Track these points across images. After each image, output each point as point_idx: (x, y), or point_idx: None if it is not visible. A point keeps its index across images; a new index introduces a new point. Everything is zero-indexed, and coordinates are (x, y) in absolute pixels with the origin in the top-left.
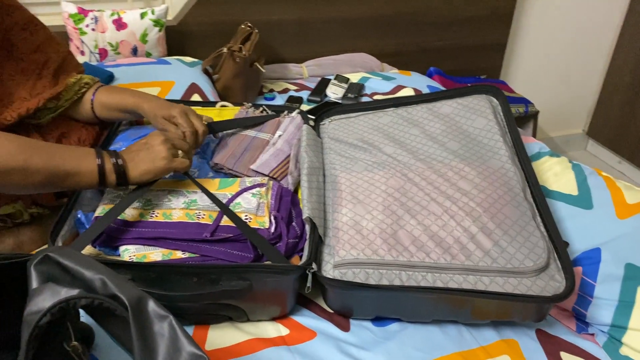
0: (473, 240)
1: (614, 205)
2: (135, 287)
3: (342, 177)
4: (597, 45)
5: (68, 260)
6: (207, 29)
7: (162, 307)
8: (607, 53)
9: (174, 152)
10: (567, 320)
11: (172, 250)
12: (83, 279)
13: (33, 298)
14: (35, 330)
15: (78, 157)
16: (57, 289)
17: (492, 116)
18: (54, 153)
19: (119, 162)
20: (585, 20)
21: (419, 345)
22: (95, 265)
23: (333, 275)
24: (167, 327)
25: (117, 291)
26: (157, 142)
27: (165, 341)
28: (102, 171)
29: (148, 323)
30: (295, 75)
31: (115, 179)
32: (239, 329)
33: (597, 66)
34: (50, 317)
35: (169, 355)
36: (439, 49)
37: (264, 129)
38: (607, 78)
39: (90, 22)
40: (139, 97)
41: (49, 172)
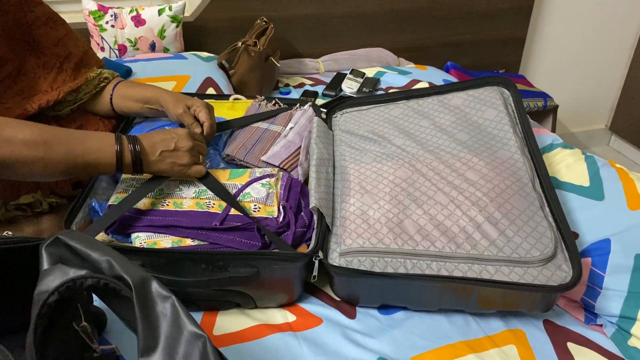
0: (479, 229)
1: (626, 196)
2: (140, 269)
3: (352, 168)
4: (619, 39)
5: (77, 243)
6: (223, 24)
7: (165, 289)
8: (630, 47)
9: (195, 160)
10: (575, 311)
11: (182, 237)
12: (90, 261)
13: (43, 278)
14: (43, 309)
15: (98, 143)
16: (66, 270)
17: (503, 107)
18: (74, 142)
19: (137, 149)
20: (607, 14)
21: (425, 334)
22: (102, 247)
23: (339, 263)
24: (169, 307)
25: (122, 272)
26: (184, 146)
27: (168, 320)
28: (119, 157)
29: (151, 303)
30: (312, 70)
31: (131, 164)
32: (246, 315)
33: (619, 60)
34: (58, 296)
35: (170, 334)
36: (457, 43)
37: (275, 121)
38: (630, 73)
39: (110, 18)
40: (160, 90)
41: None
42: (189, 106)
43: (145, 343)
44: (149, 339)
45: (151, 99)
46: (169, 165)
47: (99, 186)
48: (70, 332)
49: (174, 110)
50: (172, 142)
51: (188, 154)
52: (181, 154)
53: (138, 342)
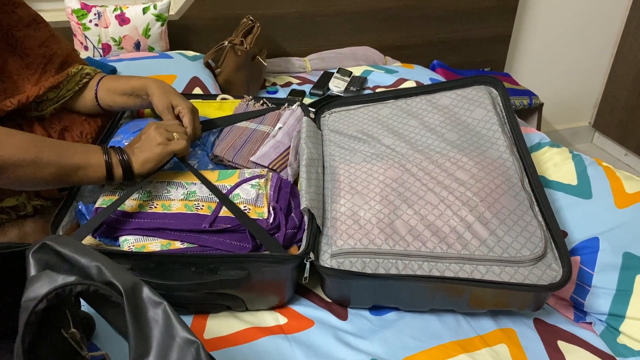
0: (469, 229)
1: (613, 194)
2: (130, 274)
3: (341, 168)
4: (602, 37)
5: (65, 248)
6: (209, 23)
7: (156, 294)
8: (613, 45)
9: (168, 136)
10: (565, 309)
11: (171, 240)
12: (80, 266)
13: (30, 285)
14: (31, 316)
15: (86, 153)
16: (54, 276)
17: (491, 107)
18: (63, 148)
19: (124, 157)
20: (591, 13)
21: (417, 334)
22: (92, 252)
23: (330, 265)
24: (161, 313)
25: (112, 278)
26: (151, 130)
27: (159, 327)
28: (109, 166)
29: (142, 309)
30: (298, 69)
31: (121, 172)
32: (237, 318)
33: (602, 58)
34: (46, 303)
35: (162, 341)
36: (443, 41)
37: (264, 121)
38: (612, 70)
39: (94, 17)
40: (149, 79)
41: (59, 166)
42: (174, 105)
43: (137, 350)
44: (141, 345)
45: (138, 87)
46: (148, 151)
47: (85, 188)
48: (59, 339)
49: (157, 104)
50: (139, 136)
51: (156, 132)
52: (151, 136)
53: (129, 349)
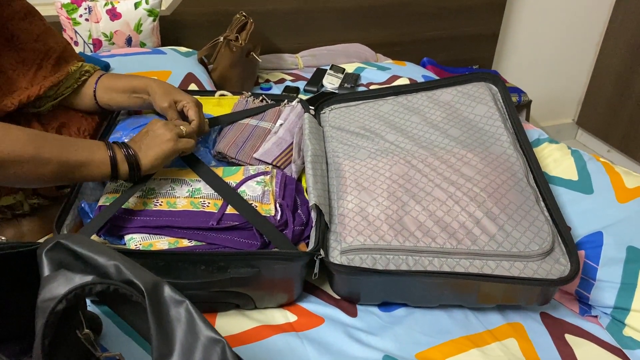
0: (478, 225)
1: (614, 189)
2: (150, 273)
3: (346, 164)
4: (586, 36)
5: (80, 247)
6: (200, 18)
7: (177, 293)
8: (596, 43)
9: (178, 132)
10: (570, 303)
11: (178, 238)
12: (96, 265)
13: (46, 285)
14: (51, 318)
15: (89, 149)
16: (70, 276)
17: (493, 103)
18: (65, 144)
19: (130, 152)
20: (575, 11)
21: (427, 330)
22: (108, 251)
23: (340, 261)
24: (183, 312)
25: (132, 277)
26: (159, 126)
27: (182, 326)
28: (114, 162)
29: (164, 308)
30: (291, 65)
31: (127, 169)
32: (246, 316)
33: (586, 57)
34: (66, 304)
35: (186, 340)
36: (433, 39)
37: (265, 117)
38: (596, 68)
39: (84, 12)
40: (149, 78)
41: (60, 163)
42: (177, 101)
43: (159, 350)
44: (164, 345)
45: (138, 87)
46: (158, 147)
47: (87, 186)
48: (74, 340)
49: (160, 103)
50: (146, 132)
51: (166, 129)
52: (159, 132)
53: (152, 349)
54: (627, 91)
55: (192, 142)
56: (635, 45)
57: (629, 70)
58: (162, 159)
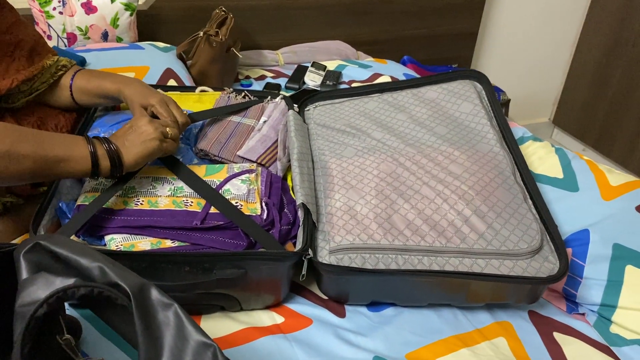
0: (467, 223)
1: (599, 187)
2: (137, 275)
3: (333, 162)
4: (562, 36)
5: (61, 248)
6: (178, 13)
7: (165, 295)
8: (572, 43)
9: (163, 131)
10: (557, 301)
11: (160, 239)
12: (79, 268)
13: (25, 288)
14: (31, 323)
15: (68, 143)
16: (51, 279)
17: (478, 101)
18: (42, 139)
19: (112, 148)
20: (551, 12)
21: (416, 330)
22: (91, 252)
23: (329, 261)
24: (172, 316)
25: (117, 279)
26: (144, 123)
27: (171, 330)
28: (95, 158)
29: (152, 312)
30: (271, 62)
31: (109, 165)
32: (232, 319)
33: (562, 56)
34: (46, 308)
35: (175, 345)
36: (413, 37)
37: (248, 114)
38: (571, 68)
39: (58, 5)
40: (120, 83)
41: (37, 158)
42: (145, 106)
43: (147, 355)
44: (151, 350)
45: (110, 92)
46: (142, 145)
47: (64, 185)
48: (53, 347)
49: (133, 111)
50: (130, 128)
51: (151, 127)
52: (144, 129)
53: (139, 354)
54: (602, 91)
55: (175, 145)
56: (610, 46)
57: (604, 70)
58: (145, 157)
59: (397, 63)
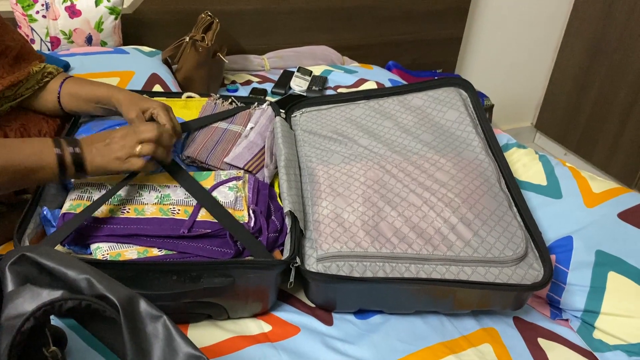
0: (453, 230)
1: (582, 194)
2: (125, 287)
3: (320, 169)
4: (544, 42)
5: (48, 260)
6: (164, 17)
7: (154, 307)
8: (554, 49)
9: (129, 152)
10: (541, 307)
11: (147, 247)
12: (66, 280)
13: (11, 301)
14: (17, 337)
15: (39, 154)
16: (37, 291)
17: (463, 108)
18: (11, 151)
19: (76, 151)
20: (534, 18)
21: (403, 337)
22: (79, 264)
23: (317, 269)
24: (161, 328)
25: (105, 291)
26: (117, 139)
27: (160, 342)
28: (61, 161)
29: (140, 324)
30: (257, 67)
31: (74, 171)
32: (219, 327)
33: (544, 62)
34: (34, 322)
35: (164, 357)
36: (398, 42)
37: (234, 120)
38: (553, 73)
39: (41, 8)
40: (113, 88)
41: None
42: (144, 109)
43: None
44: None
45: (102, 98)
46: (105, 159)
47: (48, 193)
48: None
49: (127, 114)
50: (107, 135)
51: (120, 145)
52: (113, 146)
53: None
54: (584, 96)
55: (139, 164)
56: (591, 51)
57: (585, 76)
58: (104, 172)
59: (383, 68)
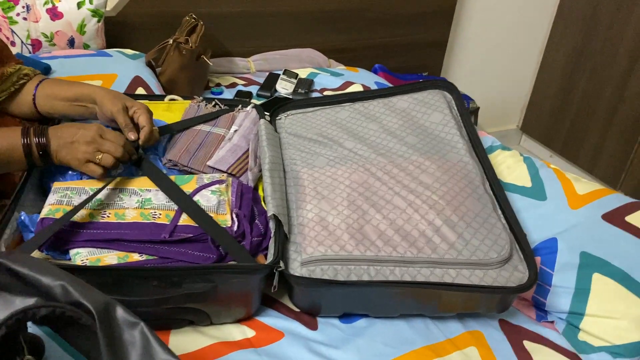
0: (438, 233)
1: (566, 196)
2: (101, 293)
3: (304, 172)
4: (529, 45)
5: (21, 266)
6: (147, 20)
7: (131, 314)
8: (539, 52)
9: (89, 157)
10: (526, 309)
11: (128, 252)
12: (40, 286)
13: None
14: None
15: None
16: (9, 299)
17: (448, 111)
18: None
19: (42, 142)
20: (519, 21)
21: (389, 341)
22: (54, 270)
23: (301, 273)
24: (138, 335)
25: (80, 298)
26: (81, 142)
27: (137, 350)
28: (28, 150)
29: (117, 331)
30: (242, 69)
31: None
32: (202, 333)
33: (529, 65)
34: (5, 330)
35: None
36: (383, 45)
37: (218, 123)
38: (538, 76)
39: (22, 10)
40: (92, 87)
41: None
42: (128, 107)
43: None
44: None
45: (83, 95)
46: (68, 157)
47: (27, 197)
48: None
49: (110, 106)
50: (75, 135)
51: (85, 146)
52: (77, 146)
53: None
54: (569, 98)
55: (98, 172)
56: (575, 55)
57: (570, 79)
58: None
59: (369, 71)
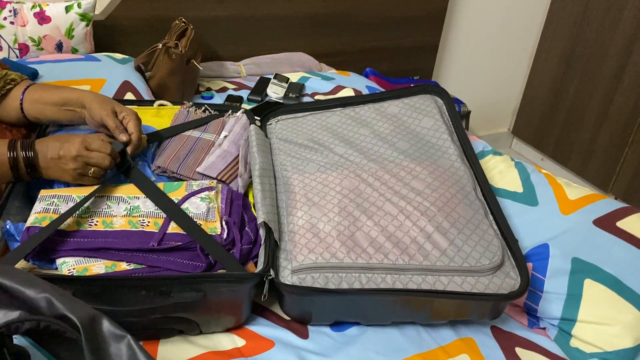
0: (429, 239)
1: (558, 201)
2: (87, 306)
3: (295, 178)
4: (520, 48)
5: (5, 278)
6: (137, 24)
7: (118, 327)
8: (530, 56)
9: (81, 172)
10: (518, 315)
11: (115, 261)
12: (24, 299)
13: None
14: None
15: None
16: None
17: (439, 116)
18: None
19: (29, 156)
20: (509, 24)
21: (380, 349)
22: (38, 282)
23: (292, 282)
24: (125, 348)
25: (66, 311)
26: (69, 156)
27: None
28: (14, 164)
29: (103, 345)
30: (233, 73)
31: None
32: (191, 343)
33: (521, 69)
34: None
35: None
36: (375, 49)
37: (208, 129)
38: (529, 79)
39: (9, 14)
40: (82, 90)
41: None
42: (117, 112)
43: None
44: None
45: (71, 99)
46: (59, 172)
47: (12, 205)
48: None
49: (99, 111)
50: (60, 150)
51: (71, 166)
52: (64, 162)
53: None
54: (559, 101)
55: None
56: (566, 56)
57: (561, 82)
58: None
59: (360, 75)
